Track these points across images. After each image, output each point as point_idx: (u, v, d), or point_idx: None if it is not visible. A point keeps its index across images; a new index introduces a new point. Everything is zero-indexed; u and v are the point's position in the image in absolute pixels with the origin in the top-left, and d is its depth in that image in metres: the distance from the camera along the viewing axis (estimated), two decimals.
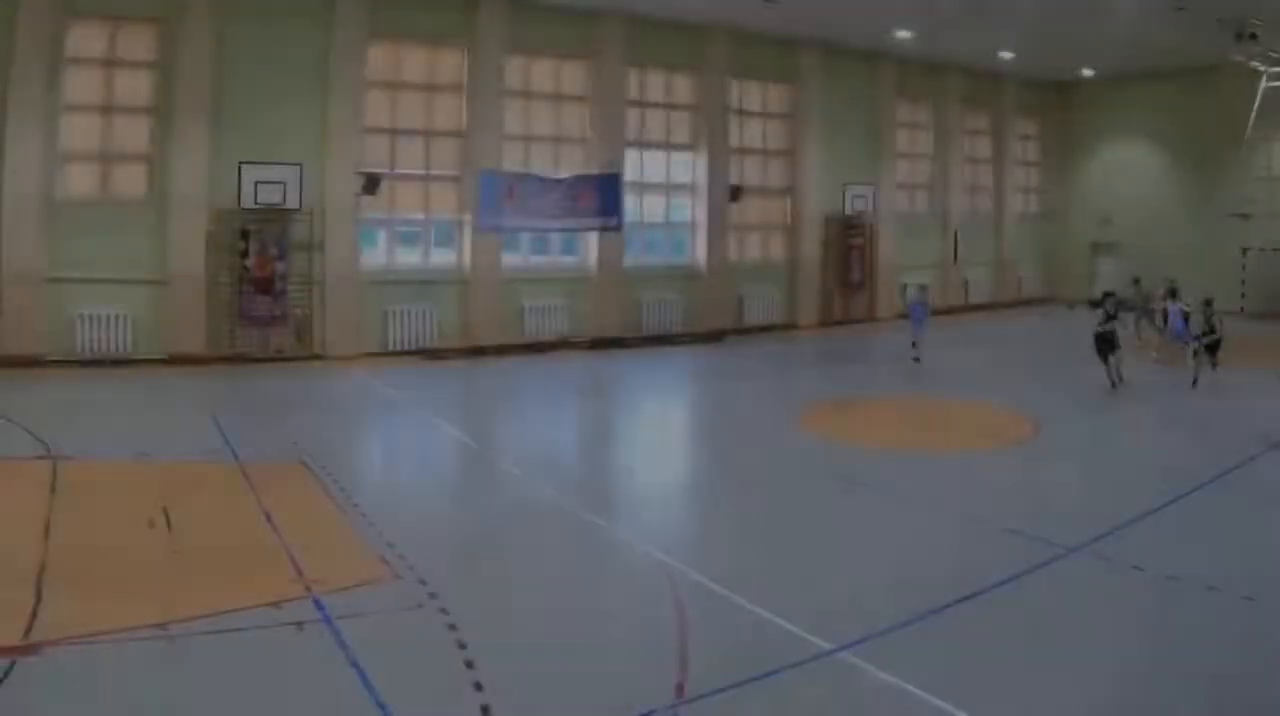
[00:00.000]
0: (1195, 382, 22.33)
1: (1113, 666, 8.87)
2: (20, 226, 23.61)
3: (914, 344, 26.44)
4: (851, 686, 8.50)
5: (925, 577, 11.02)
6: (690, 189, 33.79)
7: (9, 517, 12.48)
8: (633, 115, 32.21)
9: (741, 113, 34.97)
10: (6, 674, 8.18)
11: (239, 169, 25.26)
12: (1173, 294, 27.96)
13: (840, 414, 21.21)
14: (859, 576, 11.22)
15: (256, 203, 25.52)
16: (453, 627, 9.43)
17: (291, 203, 25.85)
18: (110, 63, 24.87)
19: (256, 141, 25.76)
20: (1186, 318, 25.96)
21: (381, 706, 7.90)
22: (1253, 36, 30.24)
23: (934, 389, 23.78)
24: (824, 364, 29.70)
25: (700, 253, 33.66)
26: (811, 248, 36.19)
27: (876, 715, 8.12)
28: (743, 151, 34.93)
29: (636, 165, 32.40)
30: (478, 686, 8.24)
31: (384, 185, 27.56)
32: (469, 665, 8.64)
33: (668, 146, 33.41)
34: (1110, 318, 22.19)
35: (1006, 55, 38.52)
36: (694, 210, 33.84)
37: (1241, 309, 37.68)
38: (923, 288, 27.48)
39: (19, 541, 11.46)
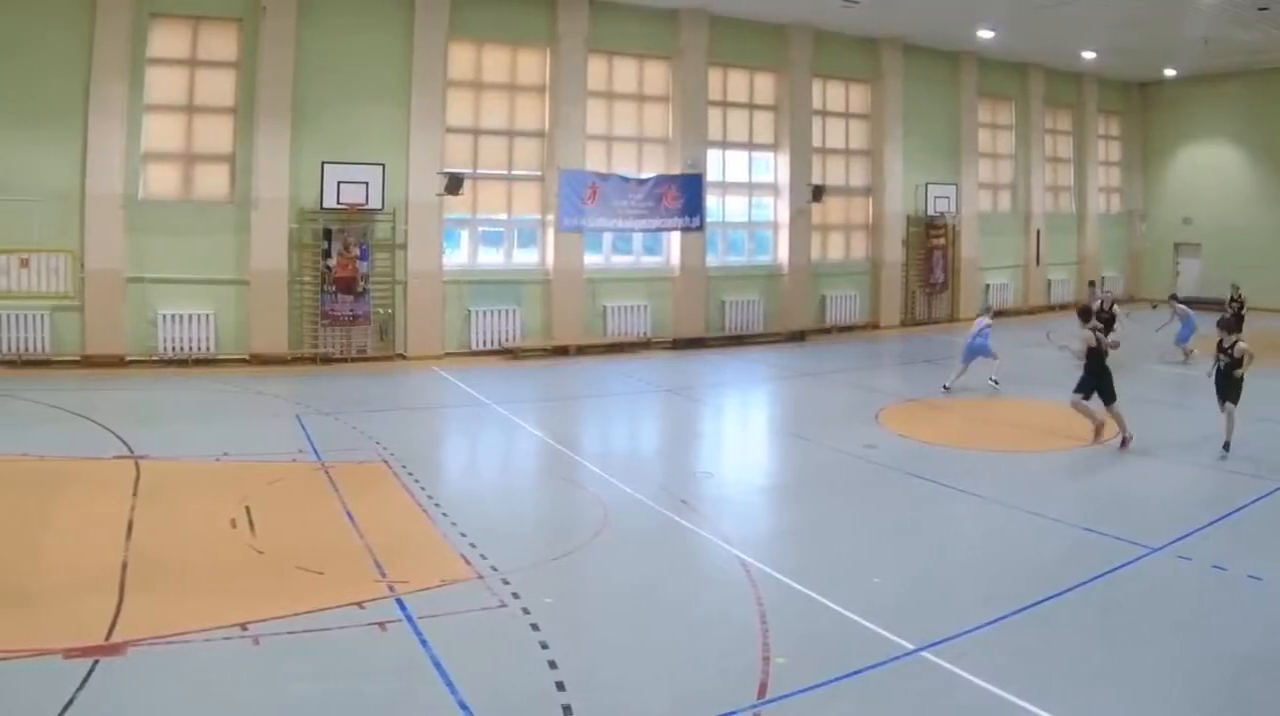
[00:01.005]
0: (1227, 447, 15.60)
1: (1194, 665, 8.54)
2: (102, 226, 22.57)
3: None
4: (934, 685, 8.14)
5: (1006, 577, 10.72)
6: (772, 189, 32.08)
7: (91, 518, 11.92)
8: (715, 115, 30.60)
9: (824, 113, 33.20)
10: (89, 674, 7.84)
11: (321, 168, 24.04)
12: (1174, 297, 25.93)
13: (921, 413, 19.99)
14: (941, 576, 10.83)
15: (339, 202, 24.26)
16: (535, 627, 9.08)
17: (374, 202, 24.56)
18: (192, 62, 23.81)
19: (338, 141, 24.61)
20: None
21: (464, 706, 7.58)
22: None
23: (1014, 389, 21.93)
24: (905, 364, 28.20)
25: (782, 253, 31.93)
26: (893, 248, 34.36)
27: (959, 714, 7.76)
28: (824, 151, 33.16)
29: (719, 165, 30.87)
30: (560, 686, 7.93)
31: (466, 185, 26.12)
32: (552, 665, 8.31)
33: (749, 146, 31.74)
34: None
35: (1089, 55, 36.39)
36: (776, 210, 32.14)
37: None
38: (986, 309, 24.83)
39: (101, 542, 11.01)
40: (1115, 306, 23.78)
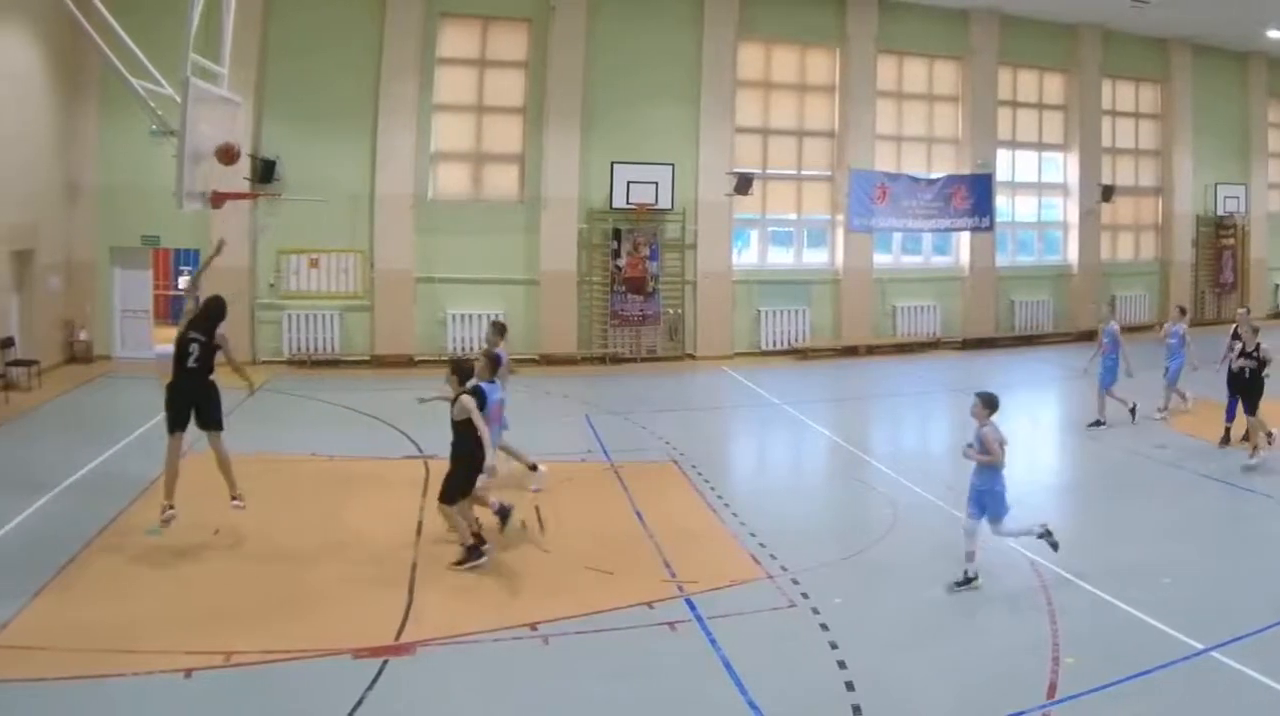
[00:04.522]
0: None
1: None
2: (392, 226, 17.63)
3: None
4: (1223, 685, 6.13)
5: None
6: (1062, 189, 23.96)
7: (383, 518, 9.58)
8: (1004, 115, 22.88)
9: (1113, 113, 24.85)
10: (379, 674, 6.12)
11: (610, 168, 18.21)
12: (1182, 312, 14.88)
13: (1211, 414, 14.09)
14: (1230, 575, 8.06)
15: (628, 202, 18.40)
16: (824, 627, 6.95)
17: (663, 202, 18.59)
18: (481, 62, 18.39)
19: (627, 141, 18.75)
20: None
21: (753, 706, 5.86)
22: None
23: None
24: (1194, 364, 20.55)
25: (1072, 252, 23.88)
26: (1182, 248, 25.44)
27: (1249, 714, 5.81)
28: (1114, 151, 24.71)
29: (1008, 165, 23.18)
30: (849, 686, 6.06)
31: (755, 185, 19.77)
32: (841, 665, 6.35)
33: (1039, 146, 23.73)
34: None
35: None
36: (1065, 210, 24.06)
37: None
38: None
39: (393, 541, 8.77)
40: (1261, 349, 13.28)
